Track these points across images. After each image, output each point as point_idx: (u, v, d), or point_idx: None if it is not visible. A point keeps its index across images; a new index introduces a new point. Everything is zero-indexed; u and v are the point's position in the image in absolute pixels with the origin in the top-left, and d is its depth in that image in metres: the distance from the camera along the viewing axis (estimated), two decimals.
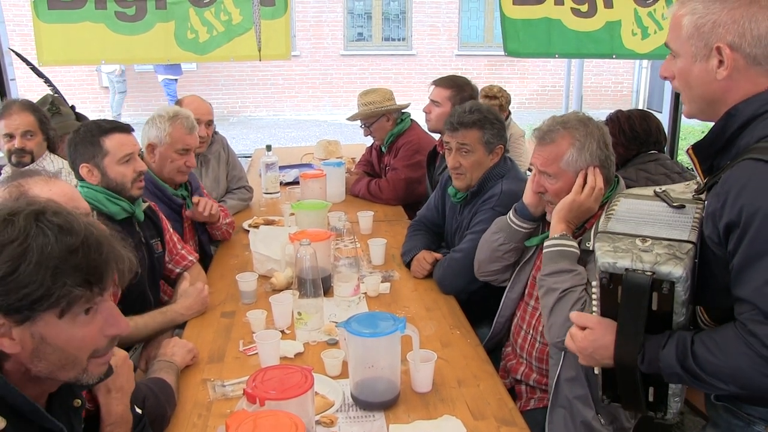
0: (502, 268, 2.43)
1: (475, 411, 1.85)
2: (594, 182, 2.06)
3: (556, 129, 2.11)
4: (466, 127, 2.70)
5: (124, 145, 2.45)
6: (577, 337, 1.58)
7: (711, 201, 1.39)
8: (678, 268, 1.37)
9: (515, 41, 4.36)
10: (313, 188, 3.65)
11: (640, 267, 1.40)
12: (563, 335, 1.92)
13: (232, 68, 12.55)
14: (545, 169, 2.13)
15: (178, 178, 2.98)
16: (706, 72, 1.41)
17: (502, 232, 2.37)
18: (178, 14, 4.19)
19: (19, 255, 1.07)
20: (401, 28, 13.34)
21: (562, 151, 2.08)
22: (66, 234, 1.11)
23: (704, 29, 1.39)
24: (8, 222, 1.10)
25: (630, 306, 1.43)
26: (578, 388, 1.98)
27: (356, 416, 1.83)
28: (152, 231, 2.61)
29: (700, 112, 1.49)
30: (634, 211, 1.60)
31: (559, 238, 2.04)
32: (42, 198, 1.77)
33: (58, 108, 3.40)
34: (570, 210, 2.06)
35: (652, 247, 1.44)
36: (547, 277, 2.01)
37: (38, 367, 1.14)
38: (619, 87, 13.67)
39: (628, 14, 4.32)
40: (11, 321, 1.09)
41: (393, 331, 1.82)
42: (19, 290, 1.07)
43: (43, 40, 4.11)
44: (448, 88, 3.74)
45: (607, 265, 1.44)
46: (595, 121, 2.15)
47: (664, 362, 1.41)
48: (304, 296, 2.25)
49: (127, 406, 1.47)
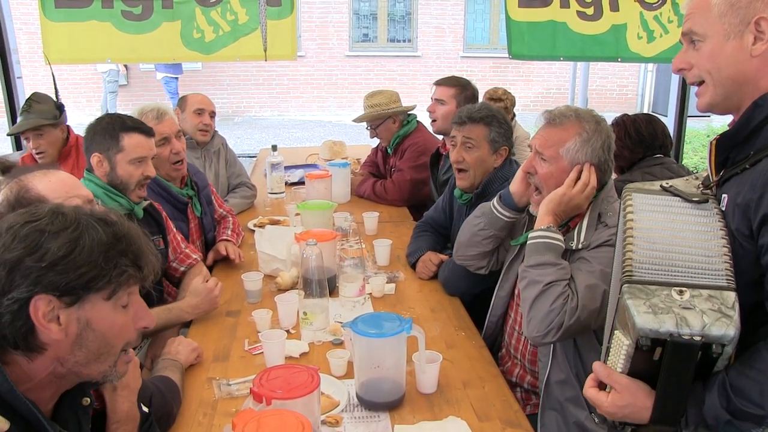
0: (479, 254, 2.43)
1: (480, 413, 1.85)
2: (588, 179, 2.03)
3: (568, 115, 2.08)
4: (474, 121, 2.71)
5: (140, 147, 2.47)
6: (600, 401, 1.40)
7: (744, 192, 1.33)
8: (730, 329, 1.23)
9: (520, 44, 4.37)
10: (319, 189, 3.65)
11: (688, 332, 1.24)
12: (542, 330, 1.91)
13: (237, 68, 12.56)
14: (543, 150, 2.10)
15: (173, 172, 2.96)
16: (740, 49, 1.35)
17: (483, 216, 2.37)
18: (184, 14, 4.20)
19: (74, 239, 1.13)
20: (406, 29, 13.35)
21: (566, 138, 2.05)
22: (110, 225, 1.19)
23: (740, 4, 1.34)
24: (58, 213, 1.16)
25: (674, 370, 1.29)
26: (569, 389, 1.96)
27: (361, 416, 1.83)
28: (153, 227, 2.60)
29: (725, 98, 1.41)
30: (653, 226, 1.43)
31: (545, 230, 2.01)
32: (42, 193, 1.81)
33: (29, 105, 3.53)
34: (560, 203, 2.03)
35: (693, 301, 1.28)
36: (531, 268, 1.98)
37: (77, 357, 1.18)
38: (624, 90, 13.66)
39: (633, 17, 4.32)
40: (62, 303, 1.13)
41: (399, 331, 1.82)
42: (76, 270, 1.13)
43: (50, 39, 4.13)
44: (452, 87, 3.76)
45: (648, 332, 1.27)
46: (607, 125, 2.13)
47: (709, 416, 1.30)
48: (310, 296, 2.25)
49: (134, 404, 1.47)
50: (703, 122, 11.55)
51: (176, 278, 2.73)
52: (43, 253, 1.11)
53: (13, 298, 1.10)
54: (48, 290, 1.11)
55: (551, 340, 1.95)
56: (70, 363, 1.18)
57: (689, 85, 1.47)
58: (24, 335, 1.13)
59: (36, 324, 1.12)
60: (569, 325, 1.88)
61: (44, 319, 1.12)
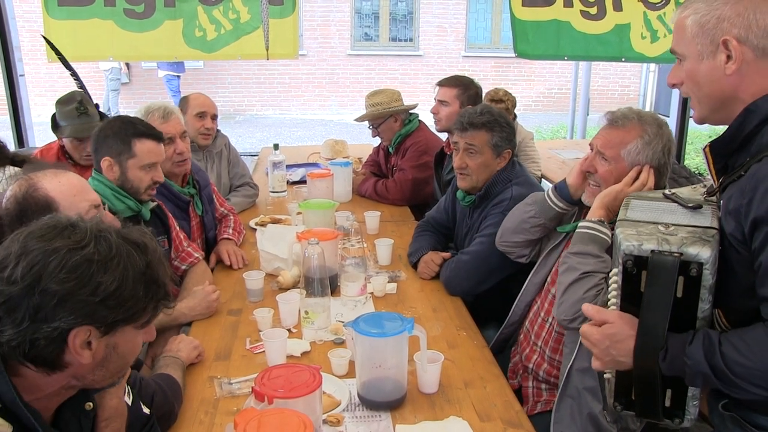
0: (524, 241, 2.43)
1: (482, 412, 1.85)
2: (646, 180, 2.03)
3: (631, 117, 2.09)
4: (475, 128, 2.70)
5: (152, 153, 2.48)
6: (591, 332, 1.52)
7: (734, 198, 1.36)
8: (706, 249, 1.35)
9: (525, 43, 4.37)
10: (320, 188, 3.65)
11: (668, 248, 1.37)
12: (570, 315, 1.95)
13: (238, 66, 12.56)
14: (604, 150, 2.10)
15: (175, 169, 2.96)
16: (714, 69, 1.39)
17: (536, 205, 2.37)
18: (186, 12, 4.21)
19: (122, 271, 1.13)
20: (408, 28, 13.34)
21: (629, 139, 2.06)
22: (143, 250, 1.18)
23: (708, 26, 1.37)
24: (100, 238, 1.14)
25: (655, 291, 1.38)
26: (589, 379, 1.96)
27: (363, 416, 1.83)
28: (159, 228, 2.61)
29: (712, 113, 1.46)
30: (649, 208, 1.57)
31: (595, 222, 2.02)
32: (50, 194, 1.81)
33: (86, 108, 3.33)
34: (615, 199, 2.03)
35: (677, 231, 1.41)
36: (573, 255, 2.01)
37: (95, 375, 1.18)
38: (626, 90, 13.64)
39: (637, 17, 4.32)
40: (100, 333, 1.13)
41: (401, 331, 1.82)
42: (123, 305, 1.13)
43: (53, 36, 4.13)
44: (455, 87, 3.76)
45: (631, 248, 1.40)
46: (669, 129, 2.13)
47: (691, 359, 1.35)
48: (311, 295, 2.25)
49: (121, 399, 1.46)
50: None
51: (178, 277, 2.73)
52: (95, 287, 1.10)
53: (55, 327, 1.09)
54: (94, 323, 1.11)
55: (577, 326, 1.96)
56: (87, 380, 1.19)
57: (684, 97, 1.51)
58: (52, 358, 1.12)
59: (70, 349, 1.12)
60: None
61: (79, 347, 1.12)
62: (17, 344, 1.09)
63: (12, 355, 1.10)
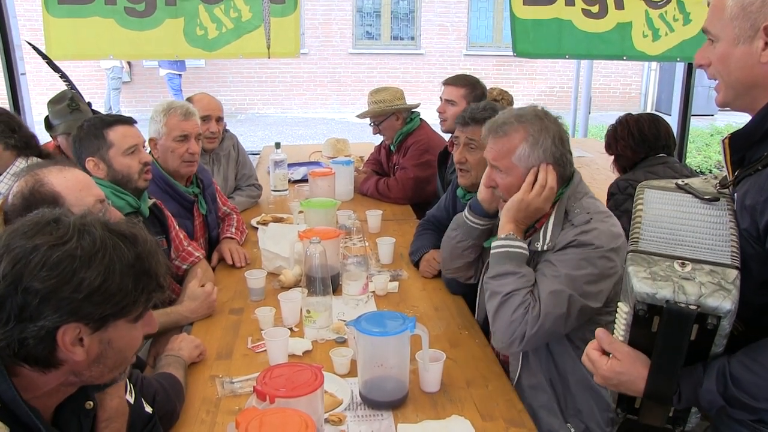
0: (464, 265, 2.42)
1: (484, 412, 1.84)
2: (545, 180, 1.98)
3: (510, 121, 2.02)
4: (477, 123, 2.69)
5: (127, 137, 2.48)
6: (600, 364, 1.42)
7: (750, 193, 1.32)
8: (727, 301, 1.24)
9: (525, 42, 4.35)
10: (322, 186, 3.65)
11: (684, 300, 1.25)
12: (506, 341, 1.90)
13: (240, 65, 12.58)
14: (496, 163, 2.06)
15: (183, 169, 2.94)
16: (749, 55, 1.32)
17: (459, 228, 2.36)
18: (187, 10, 4.19)
19: (107, 265, 1.09)
20: (410, 27, 13.34)
21: (515, 146, 2.00)
22: (131, 241, 1.15)
23: (752, 8, 1.31)
24: (83, 232, 1.11)
25: (669, 340, 1.30)
26: (541, 395, 1.94)
27: (364, 415, 1.83)
28: (157, 228, 2.61)
29: (736, 98, 1.40)
30: (663, 214, 1.47)
31: (504, 239, 1.99)
32: (56, 189, 1.81)
33: (77, 105, 3.35)
34: (518, 210, 2.00)
35: (694, 273, 1.28)
36: (491, 280, 1.97)
37: (92, 371, 1.17)
38: (627, 89, 13.64)
39: (639, 16, 4.30)
40: (89, 329, 1.11)
41: (403, 330, 1.81)
42: (110, 300, 1.10)
43: (53, 35, 4.12)
44: (462, 87, 3.74)
45: (645, 296, 1.28)
46: (552, 116, 2.07)
47: (704, 399, 1.31)
48: (313, 294, 2.25)
49: (122, 399, 1.46)
50: (707, 122, 11.54)
51: (179, 276, 2.73)
52: (78, 283, 1.07)
53: (41, 326, 1.07)
54: (81, 320, 1.10)
55: (518, 350, 1.96)
56: (85, 376, 1.18)
57: (709, 80, 1.46)
58: (45, 356, 1.11)
59: (60, 347, 1.10)
60: (533, 333, 1.88)
61: (70, 345, 1.11)
62: (6, 344, 1.08)
63: (3, 355, 1.10)
